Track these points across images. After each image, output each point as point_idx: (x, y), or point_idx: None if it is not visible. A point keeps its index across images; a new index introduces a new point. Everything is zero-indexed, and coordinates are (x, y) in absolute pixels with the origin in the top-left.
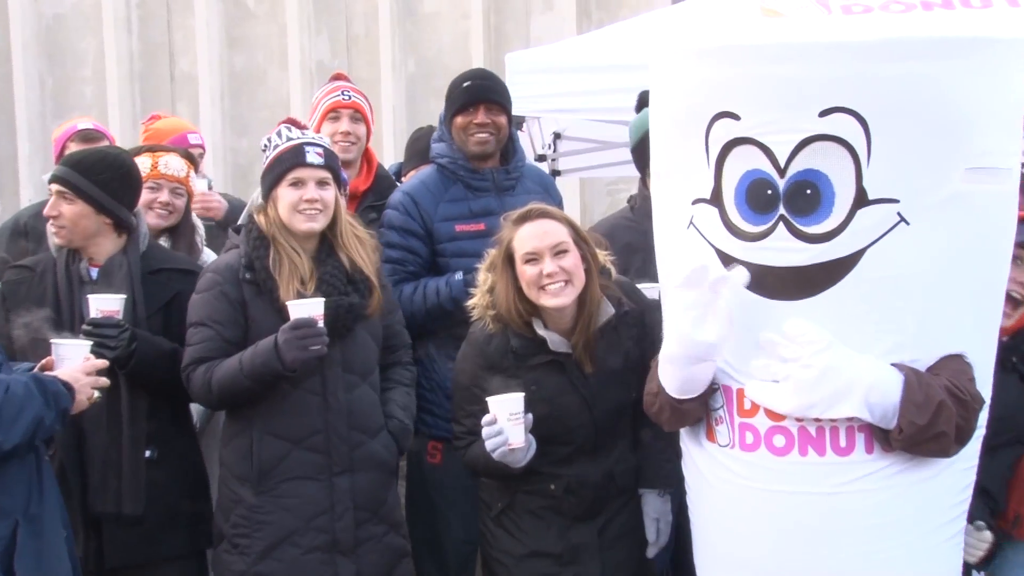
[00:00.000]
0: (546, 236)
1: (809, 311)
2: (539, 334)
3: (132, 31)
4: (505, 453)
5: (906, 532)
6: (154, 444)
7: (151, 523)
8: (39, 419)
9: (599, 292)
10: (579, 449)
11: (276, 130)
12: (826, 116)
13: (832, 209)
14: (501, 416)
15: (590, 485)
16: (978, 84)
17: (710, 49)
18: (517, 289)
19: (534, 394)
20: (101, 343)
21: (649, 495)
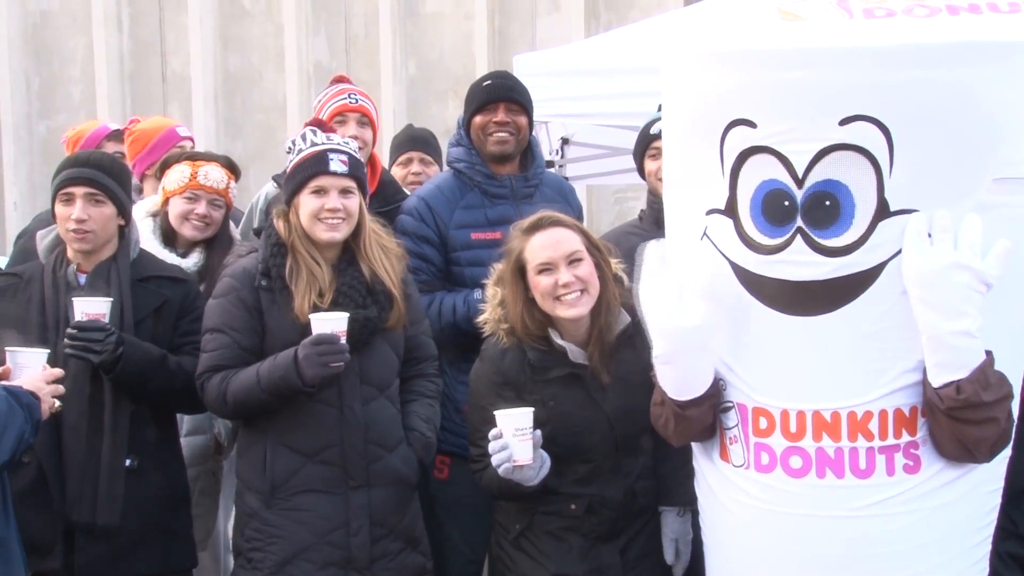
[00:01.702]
0: (560, 245)
1: (828, 327)
2: (556, 344)
3: (122, 29)
4: (510, 470)
5: (931, 557)
6: (135, 454)
7: (126, 536)
8: (22, 433)
9: (615, 300)
10: (600, 466)
11: (301, 133)
12: (847, 124)
13: (852, 221)
14: (507, 431)
15: (612, 504)
16: (1006, 91)
17: (725, 53)
18: (528, 300)
19: (552, 409)
20: (86, 347)
21: (669, 514)
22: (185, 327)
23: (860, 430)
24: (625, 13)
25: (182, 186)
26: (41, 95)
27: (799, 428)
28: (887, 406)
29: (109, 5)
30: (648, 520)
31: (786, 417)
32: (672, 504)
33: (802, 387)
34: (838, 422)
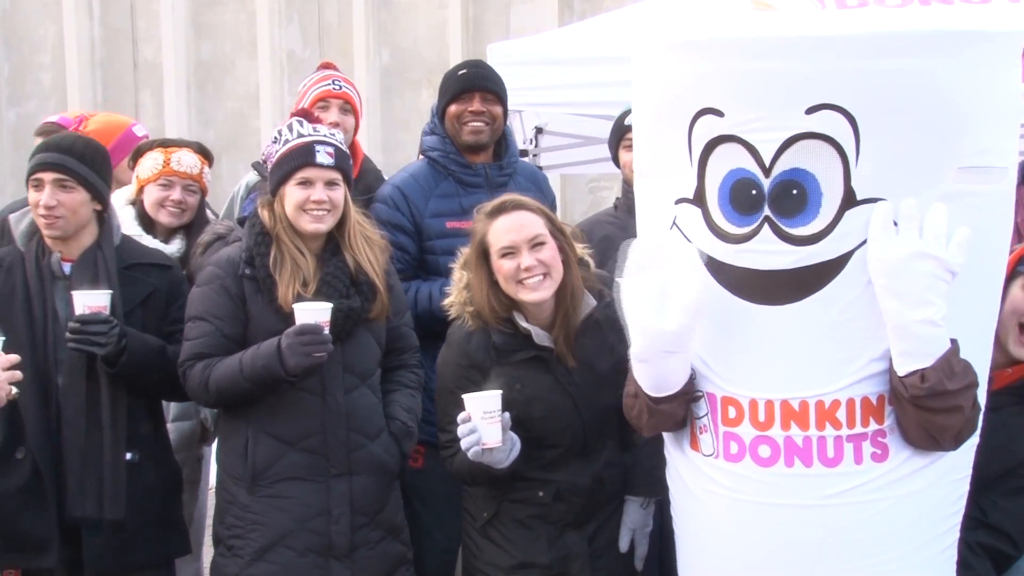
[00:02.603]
0: (523, 229)
1: (795, 316)
2: (522, 327)
3: (93, 16)
4: (479, 453)
5: (899, 545)
6: (133, 448)
7: (130, 529)
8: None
9: (579, 284)
10: (568, 452)
11: (288, 123)
12: (813, 113)
13: (819, 210)
14: (475, 414)
15: (580, 491)
16: (973, 80)
17: (692, 42)
18: (493, 284)
19: (519, 392)
20: (91, 340)
21: (632, 503)
22: (174, 314)
23: (828, 419)
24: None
25: (156, 173)
26: (11, 82)
27: (767, 417)
28: (854, 395)
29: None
30: (615, 508)
31: (754, 406)
32: (636, 495)
33: (770, 376)
34: (806, 411)
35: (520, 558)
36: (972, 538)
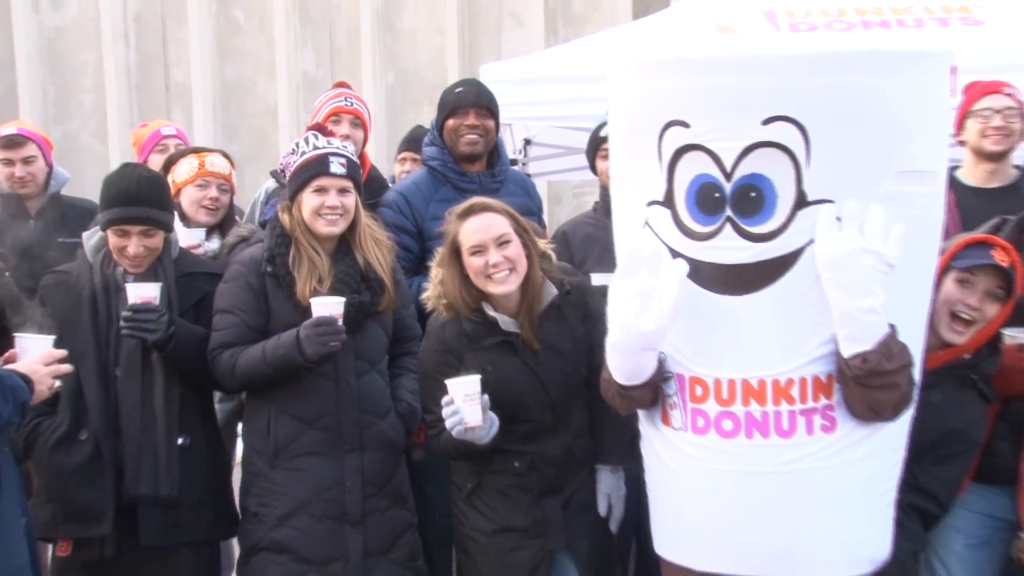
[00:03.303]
0: (490, 229)
1: (754, 305)
2: (489, 316)
3: (129, 44)
4: (462, 432)
5: (846, 505)
6: (185, 433)
7: (181, 508)
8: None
9: (540, 276)
10: (538, 426)
11: (304, 136)
12: (769, 124)
13: (774, 211)
14: (457, 397)
15: (552, 461)
16: (909, 94)
17: (662, 61)
18: (464, 278)
19: (490, 374)
20: (141, 327)
21: (603, 471)
22: None
23: (783, 395)
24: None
25: (193, 175)
26: (56, 103)
27: (730, 394)
28: (806, 374)
29: (117, 22)
30: (586, 476)
31: (719, 385)
32: (606, 463)
33: (732, 358)
34: (764, 389)
35: (501, 523)
36: (905, 499)
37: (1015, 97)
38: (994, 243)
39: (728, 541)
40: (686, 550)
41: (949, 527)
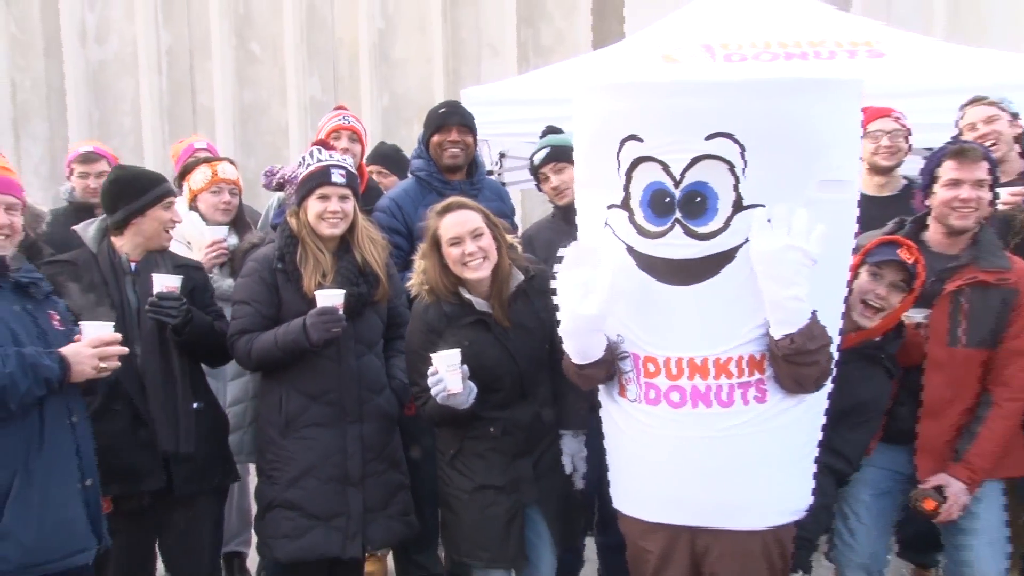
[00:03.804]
0: (466, 223)
1: (699, 294)
2: (465, 298)
3: (162, 73)
4: (446, 398)
5: (775, 464)
6: (198, 398)
7: (199, 460)
8: (3, 386)
9: (508, 263)
10: (509, 394)
11: (309, 151)
12: (711, 139)
13: (716, 213)
14: (441, 367)
15: (522, 426)
16: (827, 116)
17: (620, 86)
18: (443, 267)
19: (467, 349)
20: (167, 313)
21: (565, 435)
22: (207, 301)
23: (723, 371)
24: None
25: (208, 183)
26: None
27: (678, 371)
28: (742, 353)
29: (151, 54)
30: (553, 440)
31: (668, 362)
32: (568, 428)
33: (680, 340)
34: (707, 365)
35: (480, 482)
36: (821, 460)
37: (901, 120)
38: (901, 243)
39: (675, 495)
40: (640, 504)
41: (858, 481)
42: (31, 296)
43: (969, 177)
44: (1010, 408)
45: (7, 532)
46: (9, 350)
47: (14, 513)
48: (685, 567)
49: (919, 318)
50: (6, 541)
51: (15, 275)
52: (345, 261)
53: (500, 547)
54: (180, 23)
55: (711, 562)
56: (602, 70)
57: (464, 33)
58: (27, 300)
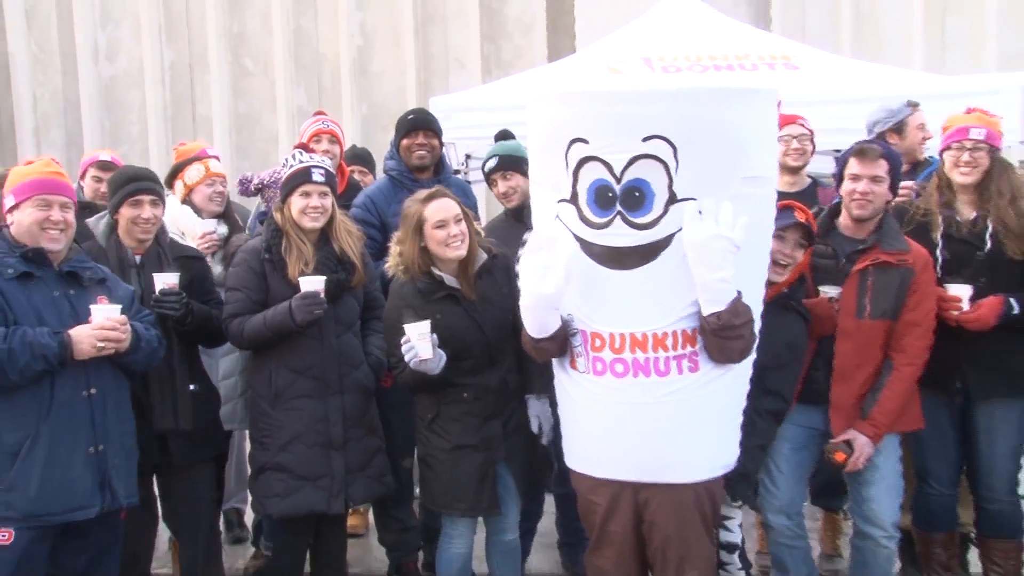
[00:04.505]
0: (450, 209)
1: (638, 278)
2: (436, 275)
3: (165, 86)
4: (418, 364)
5: (706, 425)
6: (195, 381)
7: (196, 435)
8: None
9: (476, 245)
10: (479, 362)
11: (292, 153)
12: (648, 141)
13: (653, 206)
14: (413, 336)
15: (491, 390)
16: (748, 121)
17: (568, 94)
18: (422, 248)
19: (439, 321)
20: (168, 307)
21: (531, 399)
22: (207, 288)
23: (660, 345)
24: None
25: (202, 177)
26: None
27: (621, 345)
28: (677, 328)
29: (155, 70)
30: (519, 403)
31: (612, 338)
32: (533, 392)
33: (623, 317)
34: (646, 340)
35: (455, 442)
36: (759, 405)
37: (806, 126)
38: (794, 207)
39: (620, 454)
40: (589, 462)
41: (780, 437)
42: (79, 282)
43: (867, 173)
44: (907, 372)
45: (14, 485)
46: (17, 329)
47: (21, 470)
48: (629, 516)
49: (832, 294)
50: (13, 492)
51: (63, 265)
52: (325, 251)
53: (475, 499)
54: (181, 42)
55: (651, 511)
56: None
57: (434, 49)
58: (71, 286)
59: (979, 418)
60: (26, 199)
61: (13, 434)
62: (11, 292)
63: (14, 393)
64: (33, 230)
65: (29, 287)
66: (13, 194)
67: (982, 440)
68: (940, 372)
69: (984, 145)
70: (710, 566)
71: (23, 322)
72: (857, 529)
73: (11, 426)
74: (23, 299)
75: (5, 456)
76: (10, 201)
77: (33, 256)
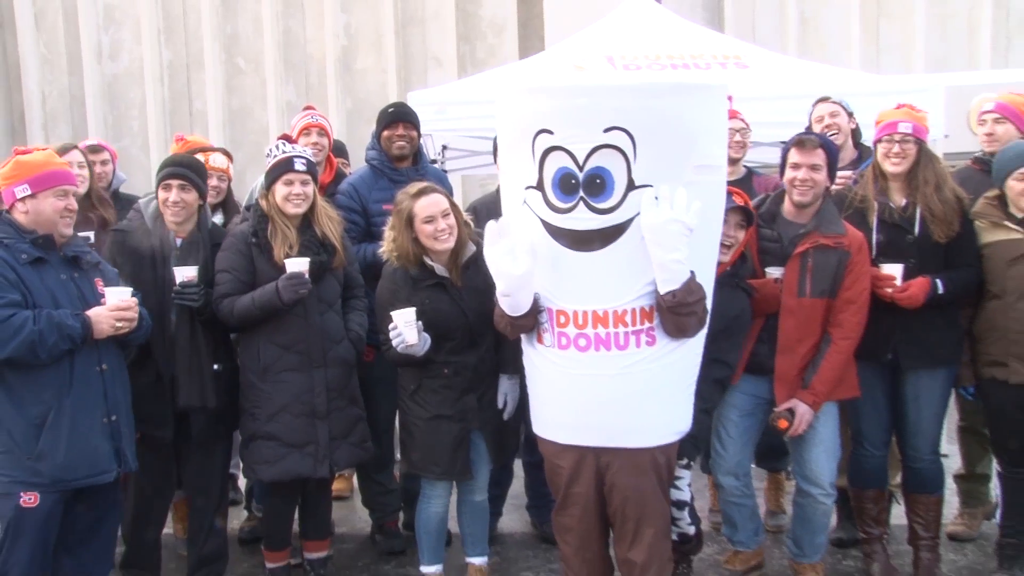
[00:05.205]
0: (438, 204)
1: (600, 259)
2: (427, 264)
3: (164, 84)
4: (404, 348)
5: (662, 395)
6: (219, 361)
7: (217, 412)
8: (33, 340)
9: (465, 237)
10: (460, 343)
11: (276, 143)
12: (608, 132)
13: (613, 192)
14: (400, 323)
15: (469, 367)
16: (700, 113)
17: (534, 89)
18: (413, 239)
19: (427, 306)
20: (189, 298)
21: (503, 377)
22: None
23: (620, 321)
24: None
25: None
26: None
27: (584, 321)
28: (635, 306)
29: (155, 68)
30: (493, 380)
31: (576, 315)
32: (505, 372)
33: (585, 295)
34: (607, 316)
35: (434, 412)
36: (706, 374)
37: (744, 121)
38: (731, 191)
39: (583, 422)
40: (554, 429)
41: (728, 405)
42: (79, 265)
43: (806, 162)
44: (844, 345)
45: (42, 453)
46: (43, 312)
47: (48, 439)
48: (591, 478)
49: (776, 275)
50: (42, 461)
51: (66, 250)
52: (308, 235)
53: (449, 464)
54: (179, 43)
55: (612, 474)
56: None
57: (413, 49)
58: (75, 269)
59: (907, 387)
60: (45, 189)
61: (36, 408)
62: (28, 277)
63: (38, 370)
64: (54, 218)
65: (41, 271)
66: (30, 184)
67: (910, 407)
68: (874, 345)
69: (912, 138)
70: (665, 522)
71: (41, 305)
72: (799, 488)
73: (34, 400)
74: (38, 283)
75: (30, 427)
76: (24, 191)
77: (43, 242)
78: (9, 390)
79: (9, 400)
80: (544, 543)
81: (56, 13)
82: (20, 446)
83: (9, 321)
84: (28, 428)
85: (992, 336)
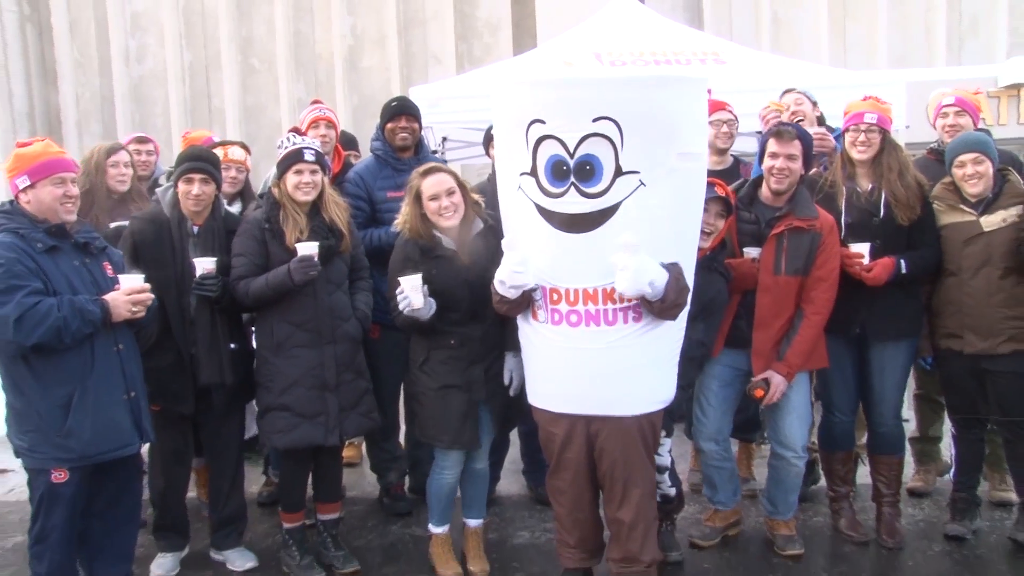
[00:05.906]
0: (443, 183)
1: (590, 240)
2: (436, 238)
3: (185, 84)
4: (411, 311)
5: (647, 367)
6: (235, 340)
7: (233, 388)
8: (58, 327)
9: (472, 214)
10: (465, 314)
11: (286, 135)
12: (597, 121)
13: (602, 178)
14: (407, 287)
15: (474, 339)
16: (681, 104)
17: (528, 82)
18: (422, 215)
19: (434, 277)
20: (208, 289)
21: (508, 355)
22: None
23: (609, 298)
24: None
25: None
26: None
27: (575, 298)
28: None
29: (176, 70)
30: (498, 354)
31: (568, 293)
32: (509, 349)
33: (576, 274)
34: (597, 294)
35: (442, 383)
36: (686, 354)
37: (732, 112)
38: (714, 183)
39: (573, 391)
40: (548, 399)
41: (709, 375)
42: (89, 251)
43: (784, 151)
44: (815, 320)
45: (71, 431)
46: (64, 298)
47: (76, 418)
48: (582, 445)
49: (754, 254)
50: (71, 438)
51: (76, 236)
52: (317, 221)
53: (457, 433)
54: (198, 45)
55: (601, 440)
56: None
57: (415, 48)
58: (85, 255)
59: (873, 358)
60: (43, 178)
61: (62, 389)
62: (45, 264)
63: (61, 354)
64: (54, 206)
65: (56, 259)
66: (28, 175)
67: (875, 376)
68: (842, 320)
69: (876, 128)
70: (650, 484)
71: (60, 291)
72: (773, 451)
73: (58, 381)
74: (55, 270)
75: (57, 408)
76: (24, 181)
77: (56, 230)
78: (35, 374)
79: (36, 383)
80: (539, 505)
81: (88, 21)
82: (49, 425)
83: (35, 308)
84: (55, 408)
85: (948, 310)
